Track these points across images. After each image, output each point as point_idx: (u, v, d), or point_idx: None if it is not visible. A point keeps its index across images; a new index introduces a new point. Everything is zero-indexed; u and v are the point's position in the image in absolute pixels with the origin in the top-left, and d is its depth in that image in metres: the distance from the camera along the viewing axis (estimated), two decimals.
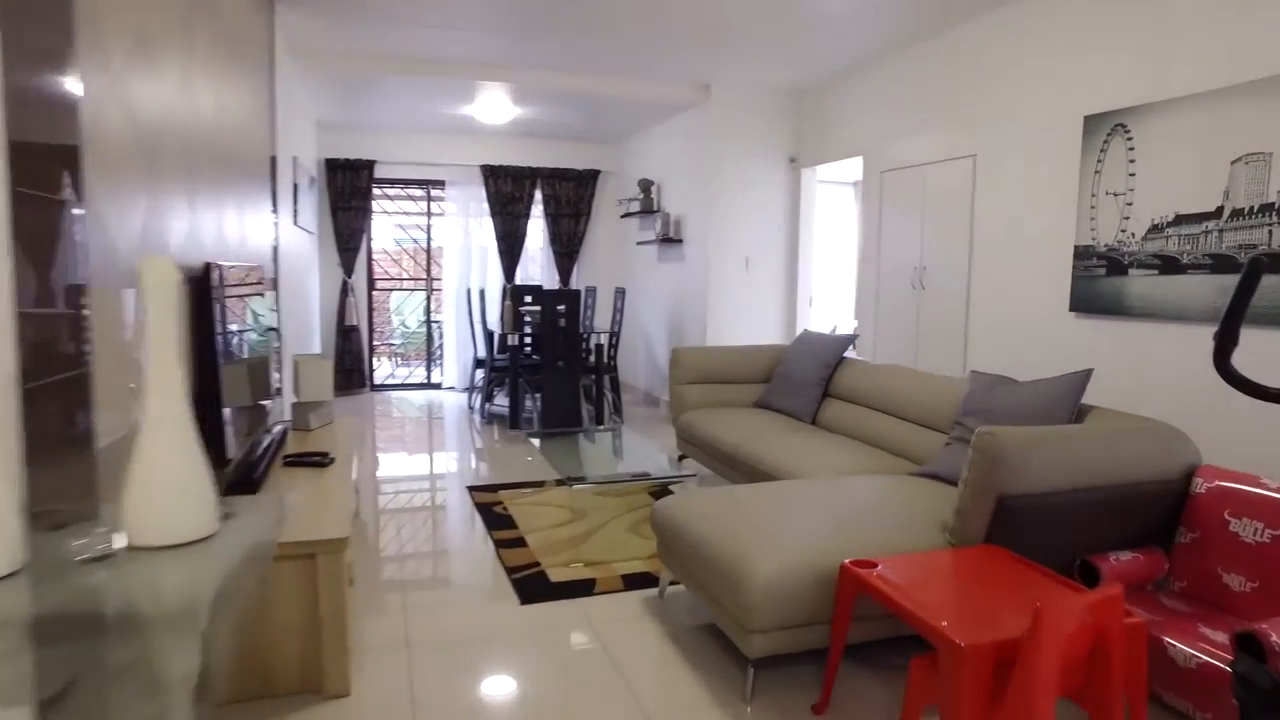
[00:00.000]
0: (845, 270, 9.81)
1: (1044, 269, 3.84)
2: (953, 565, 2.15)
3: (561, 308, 5.54)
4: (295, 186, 5.06)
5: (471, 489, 4.35)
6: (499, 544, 3.47)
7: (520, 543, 3.48)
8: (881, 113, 5.06)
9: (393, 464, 4.98)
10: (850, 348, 4.39)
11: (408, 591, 2.98)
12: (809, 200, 6.08)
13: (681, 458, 4.71)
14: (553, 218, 7.83)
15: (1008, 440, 2.24)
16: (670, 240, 6.38)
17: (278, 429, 3.31)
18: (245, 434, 2.50)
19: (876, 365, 4.07)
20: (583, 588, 2.99)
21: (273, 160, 4.12)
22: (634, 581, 3.05)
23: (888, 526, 2.42)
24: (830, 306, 9.99)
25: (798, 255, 6.12)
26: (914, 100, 4.75)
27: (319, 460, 2.95)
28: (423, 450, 5.39)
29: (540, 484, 4.41)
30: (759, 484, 2.84)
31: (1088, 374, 2.75)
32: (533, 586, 3.01)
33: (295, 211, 5.06)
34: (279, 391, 3.67)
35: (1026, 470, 2.23)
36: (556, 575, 3.11)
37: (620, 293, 6.39)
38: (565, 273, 7.94)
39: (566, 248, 7.91)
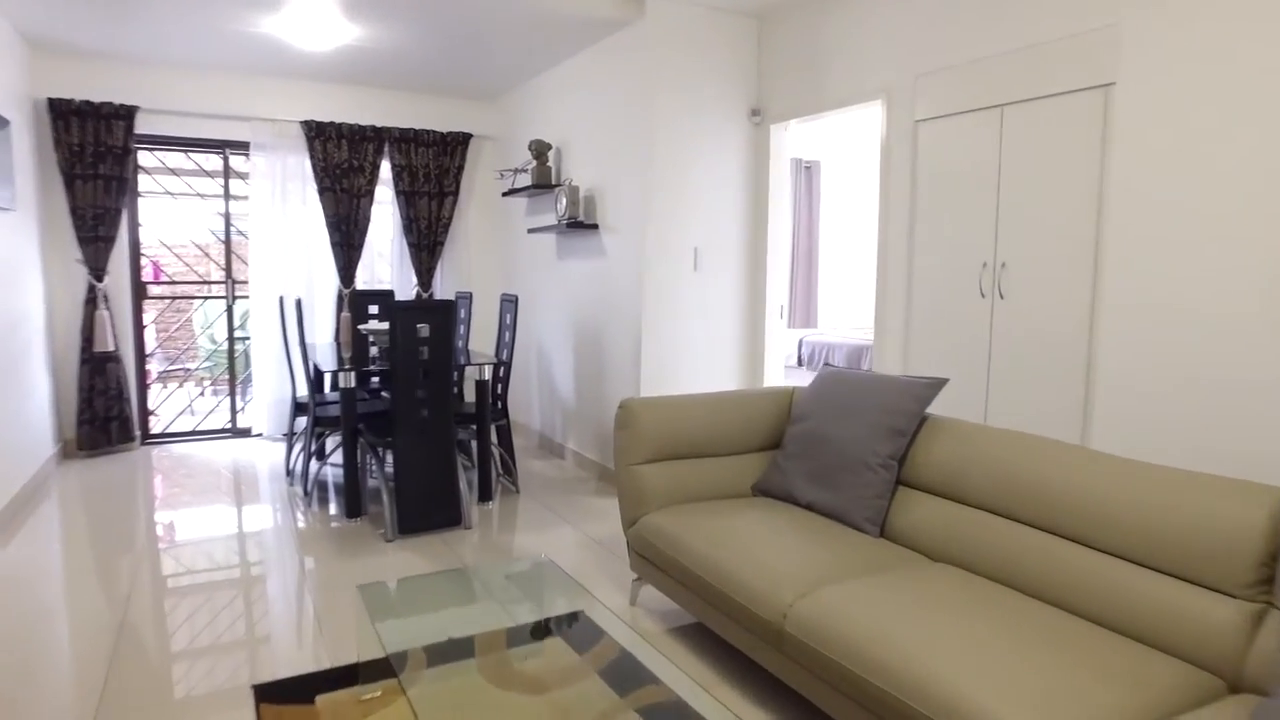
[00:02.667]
0: (839, 269, 8.13)
1: (1256, 273, 2.26)
2: None
3: (425, 326, 3.51)
4: None
5: (262, 693, 2.27)
6: None
7: None
8: (917, 27, 3.39)
9: (129, 632, 2.79)
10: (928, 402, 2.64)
11: None
12: (779, 170, 4.36)
13: (638, 580, 2.84)
14: (407, 197, 5.71)
15: None
16: (579, 225, 4.47)
17: None
18: None
19: (1023, 436, 2.33)
20: None
21: None
22: None
23: None
24: (831, 313, 8.21)
25: (766, 247, 4.38)
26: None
27: None
28: (187, 581, 3.20)
29: (389, 671, 2.38)
30: None
31: None
32: None
33: None
34: None
35: None
36: None
37: (510, 303, 4.41)
38: (426, 273, 5.84)
39: (427, 238, 5.81)
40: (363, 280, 5.72)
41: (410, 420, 3.50)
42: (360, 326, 4.15)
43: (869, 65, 3.63)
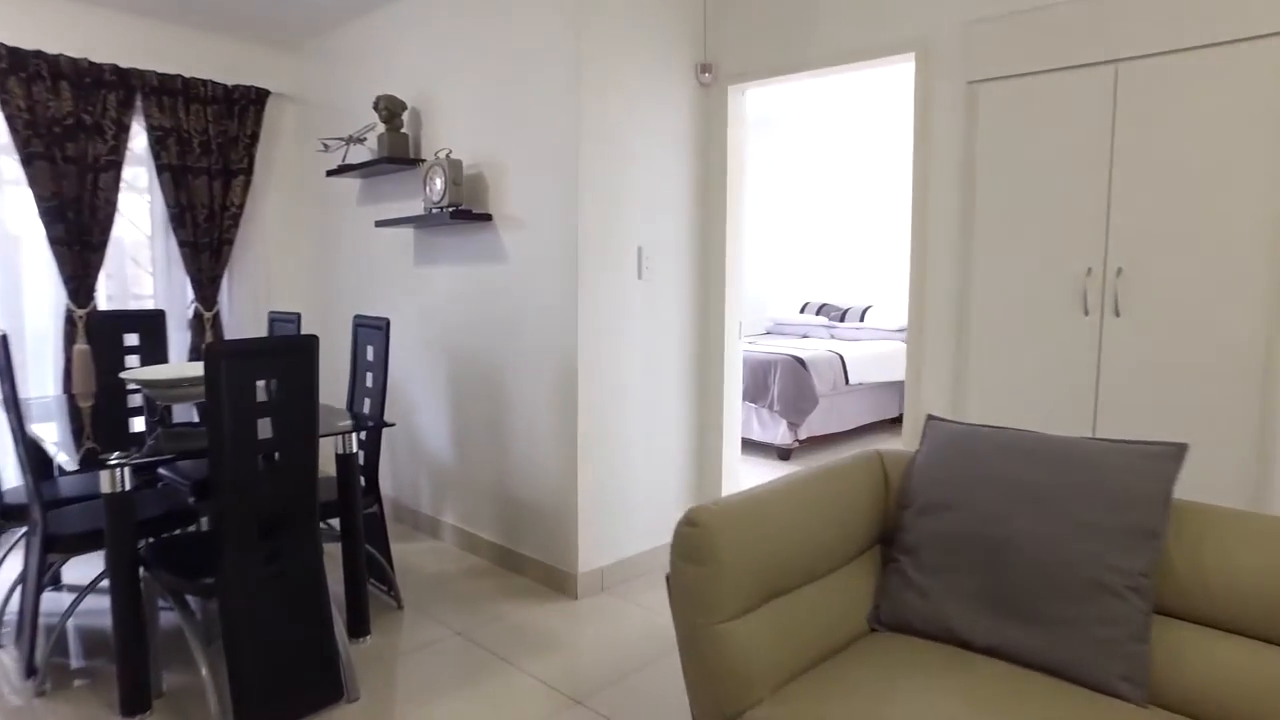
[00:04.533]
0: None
1: None
2: None
3: (268, 382, 2.06)
4: None
5: None
6: None
7: None
8: None
9: None
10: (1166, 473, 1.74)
11: None
12: (739, 145, 3.37)
13: None
14: (175, 174, 3.96)
15: None
16: (465, 215, 3.15)
17: None
18: None
19: None
20: None
21: None
22: None
23: None
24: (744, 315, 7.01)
25: (724, 246, 3.37)
26: None
27: None
28: None
29: None
30: None
31: None
32: None
33: None
34: None
35: None
36: None
37: (373, 331, 2.98)
38: (208, 285, 4.12)
39: (208, 235, 4.09)
40: (108, 296, 3.88)
41: (246, 543, 2.04)
42: (126, 374, 2.52)
43: (888, 9, 2.76)
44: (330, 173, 3.83)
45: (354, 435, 2.49)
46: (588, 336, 2.94)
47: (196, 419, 2.59)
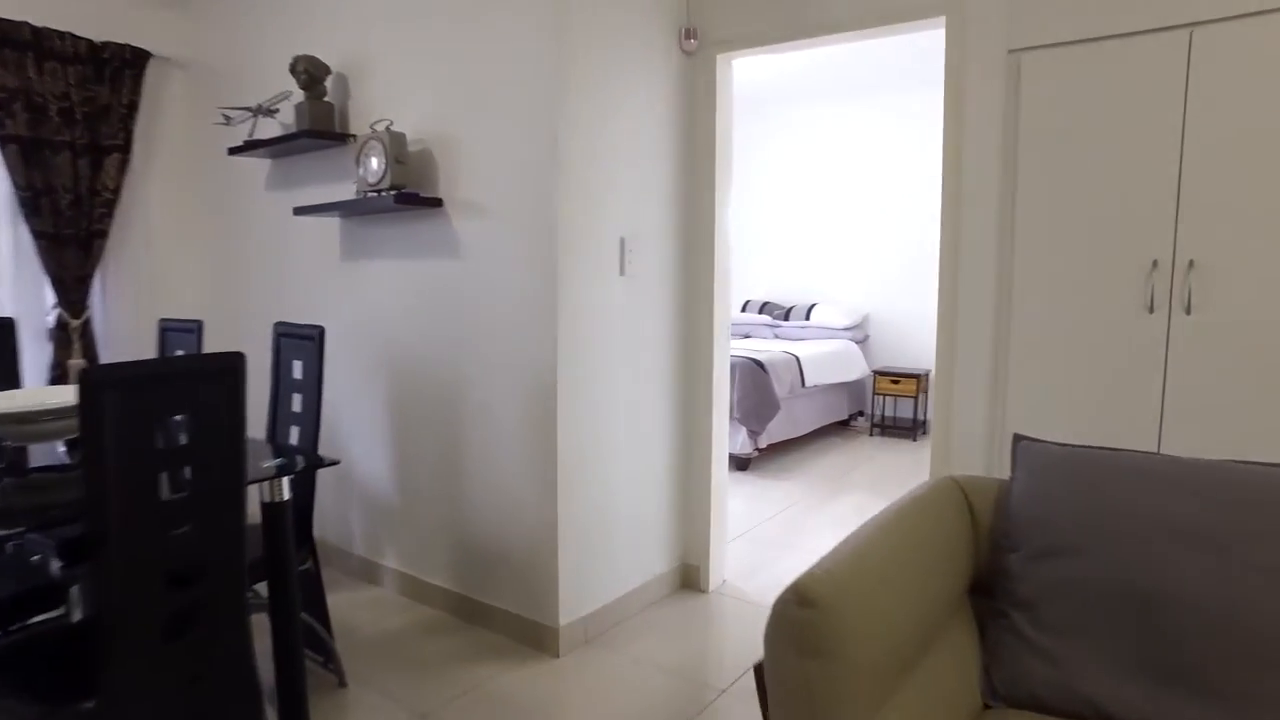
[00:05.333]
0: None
1: None
2: None
3: (179, 418, 1.49)
4: None
5: None
6: None
7: None
8: None
9: None
10: None
11: None
12: (727, 123, 2.96)
13: None
14: (24, 149, 3.20)
15: None
16: (410, 200, 2.60)
17: None
18: None
19: None
20: None
21: None
22: None
23: None
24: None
25: (711, 238, 2.96)
26: None
27: None
28: None
29: None
30: None
31: None
32: None
33: None
34: None
35: None
36: None
37: (303, 344, 2.39)
38: (75, 286, 3.37)
39: (73, 225, 3.35)
40: None
41: (144, 642, 1.47)
42: None
43: None
44: (234, 150, 3.18)
45: (285, 480, 1.93)
46: (569, 345, 2.46)
47: (65, 456, 1.96)
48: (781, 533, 3.75)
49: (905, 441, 5.87)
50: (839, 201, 6.58)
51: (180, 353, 2.77)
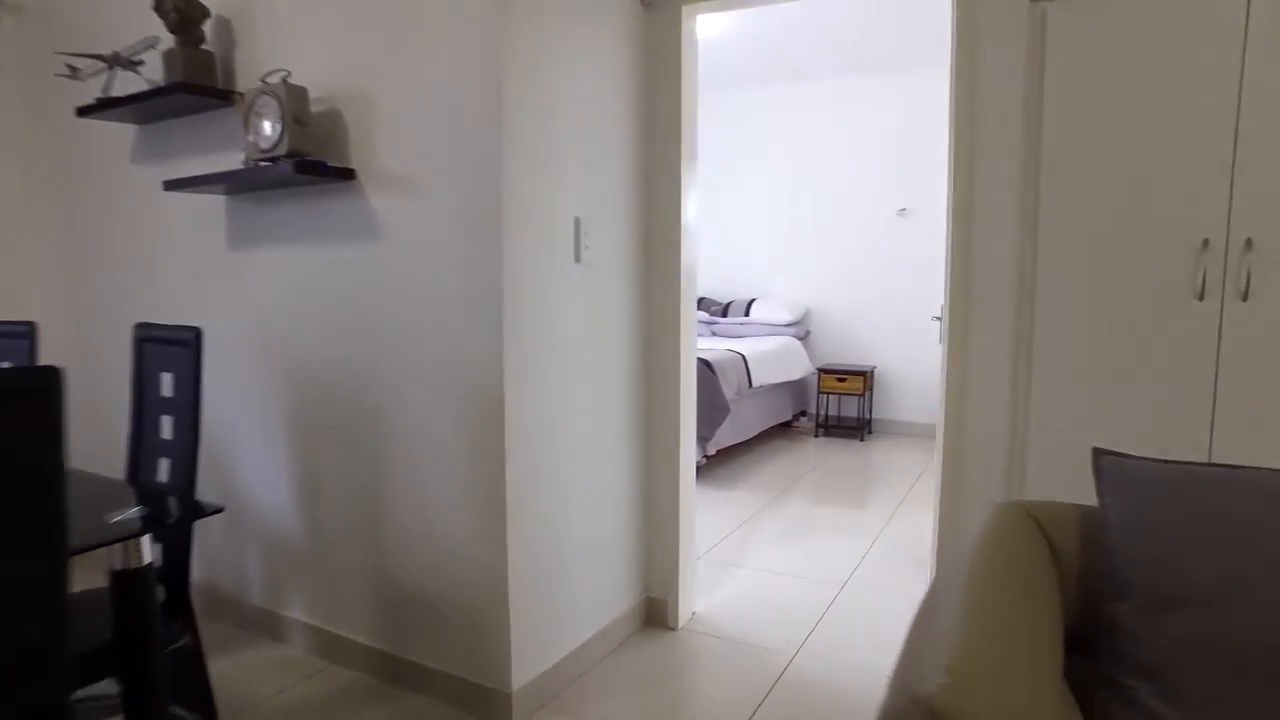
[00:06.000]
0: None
1: None
2: None
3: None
4: None
5: None
6: None
7: None
8: None
9: None
10: None
11: None
12: (692, 87, 2.56)
13: None
14: None
15: None
16: (314, 171, 2.09)
17: None
18: None
19: None
20: None
21: None
22: None
23: None
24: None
25: (678, 219, 2.55)
26: None
27: None
28: None
29: None
30: None
31: None
32: None
33: None
34: None
35: None
36: None
37: (183, 349, 1.85)
38: None
39: None
40: None
41: None
42: None
43: None
44: (84, 111, 2.57)
45: (146, 539, 1.41)
46: (517, 348, 2.02)
47: None
48: (742, 551, 3.40)
49: (852, 442, 5.65)
50: (779, 190, 6.31)
51: (5, 365, 2.16)
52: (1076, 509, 1.43)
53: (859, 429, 5.81)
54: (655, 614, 2.66)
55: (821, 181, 6.10)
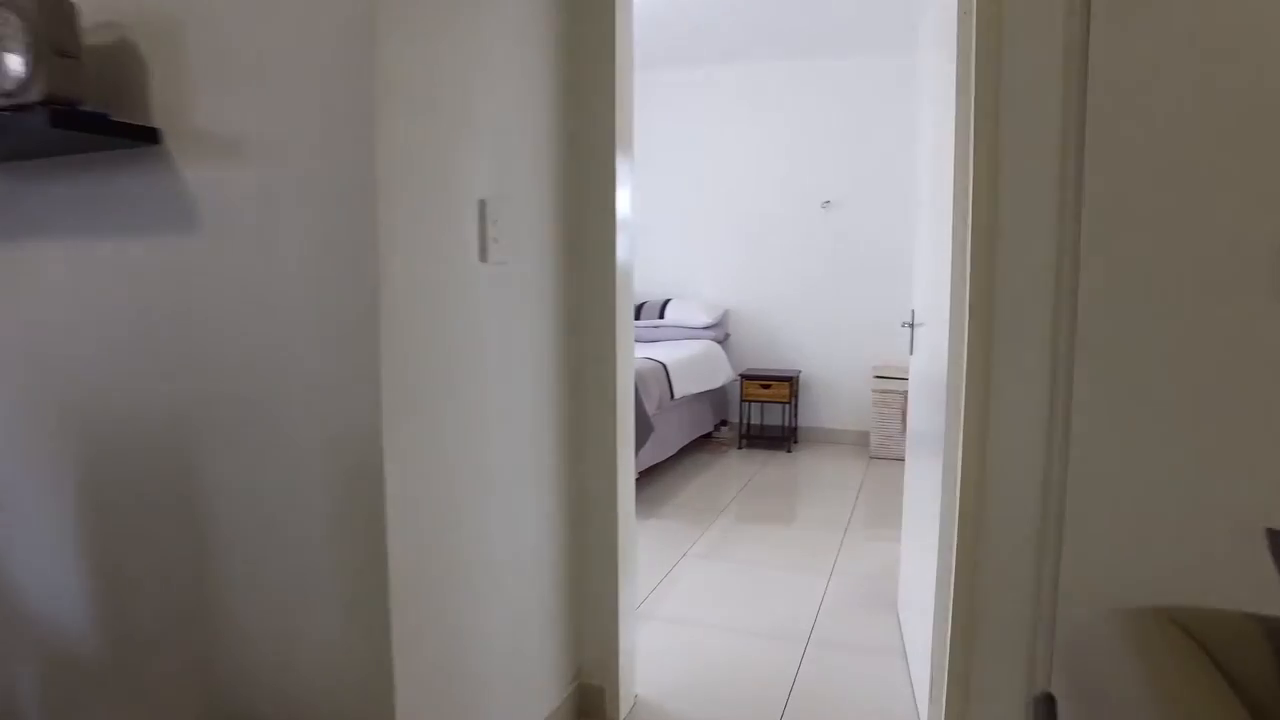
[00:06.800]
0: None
1: None
2: None
3: None
4: None
5: None
6: None
7: None
8: None
9: None
10: None
11: None
12: (628, 40, 2.02)
13: None
14: None
15: None
16: (86, 126, 1.41)
17: None
18: None
19: None
20: None
21: None
22: None
23: None
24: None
25: (612, 204, 2.00)
26: None
27: None
28: None
29: None
30: None
31: None
32: None
33: None
34: None
35: None
36: None
37: None
38: None
39: None
40: None
41: None
42: None
43: None
44: None
45: None
46: (399, 383, 1.42)
47: None
48: (684, 601, 2.90)
49: (778, 453, 5.26)
50: (693, 181, 5.85)
51: None
52: (1243, 619, 0.99)
53: (784, 439, 5.43)
54: (590, 705, 2.11)
55: (739, 172, 5.68)
